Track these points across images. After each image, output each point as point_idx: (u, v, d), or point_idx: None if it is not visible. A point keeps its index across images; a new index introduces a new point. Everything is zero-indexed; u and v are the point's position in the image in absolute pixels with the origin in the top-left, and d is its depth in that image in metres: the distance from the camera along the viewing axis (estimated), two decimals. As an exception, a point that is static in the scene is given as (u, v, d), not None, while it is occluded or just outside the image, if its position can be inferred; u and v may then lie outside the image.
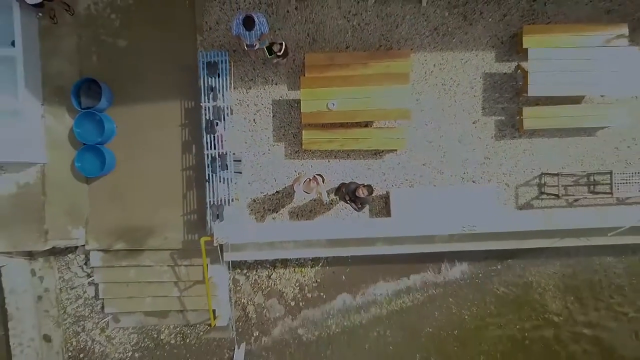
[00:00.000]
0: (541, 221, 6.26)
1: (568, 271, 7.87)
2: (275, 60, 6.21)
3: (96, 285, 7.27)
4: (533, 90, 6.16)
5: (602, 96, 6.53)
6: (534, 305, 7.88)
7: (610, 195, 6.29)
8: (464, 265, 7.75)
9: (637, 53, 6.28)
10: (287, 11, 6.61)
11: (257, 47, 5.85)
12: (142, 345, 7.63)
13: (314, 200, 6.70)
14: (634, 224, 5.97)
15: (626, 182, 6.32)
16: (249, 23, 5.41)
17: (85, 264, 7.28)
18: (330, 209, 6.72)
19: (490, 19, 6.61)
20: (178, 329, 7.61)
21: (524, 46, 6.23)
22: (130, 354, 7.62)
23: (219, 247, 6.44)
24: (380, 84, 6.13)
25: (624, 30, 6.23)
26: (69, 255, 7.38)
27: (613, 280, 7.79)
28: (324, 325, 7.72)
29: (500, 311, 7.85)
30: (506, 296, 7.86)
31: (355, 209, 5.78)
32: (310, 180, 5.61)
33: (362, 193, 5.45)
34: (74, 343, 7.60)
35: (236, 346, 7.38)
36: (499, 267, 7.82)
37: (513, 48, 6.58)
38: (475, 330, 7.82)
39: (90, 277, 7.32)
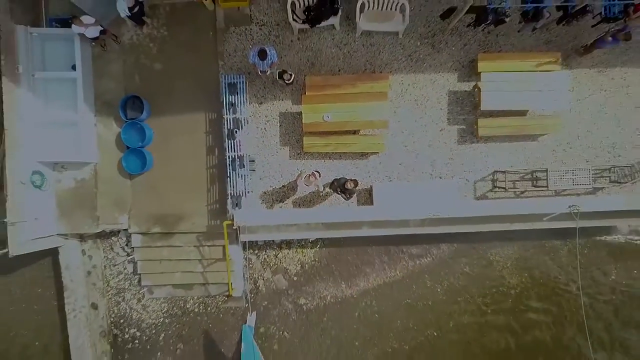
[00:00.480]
0: (493, 209, 7.92)
1: (523, 252, 9.53)
2: (282, 83, 7.86)
3: (135, 262, 8.89)
4: (486, 105, 7.82)
5: (542, 110, 8.18)
6: (495, 280, 9.52)
7: (547, 188, 7.95)
8: (437, 246, 9.41)
9: (567, 76, 7.96)
10: (291, 41, 8.26)
11: (268, 72, 7.51)
12: (171, 312, 9.26)
13: (313, 193, 8.34)
14: (563, 210, 7.63)
15: (561, 178, 7.98)
16: (262, 54, 7.07)
17: (127, 244, 8.91)
18: (325, 199, 8.36)
19: (453, 48, 8.26)
20: (201, 299, 9.24)
21: (479, 70, 7.88)
22: (161, 319, 9.25)
23: (237, 230, 8.06)
24: (365, 101, 7.78)
25: (558, 57, 7.89)
26: (112, 238, 9.02)
27: (559, 260, 9.44)
28: (321, 297, 9.35)
29: (467, 285, 9.48)
30: (472, 273, 9.50)
31: (344, 199, 7.42)
32: (309, 175, 7.25)
33: (350, 186, 7.09)
34: (116, 310, 9.24)
35: (249, 313, 8.97)
36: (466, 248, 9.48)
37: (472, 71, 8.22)
38: (446, 300, 9.45)
39: (130, 255, 8.96)
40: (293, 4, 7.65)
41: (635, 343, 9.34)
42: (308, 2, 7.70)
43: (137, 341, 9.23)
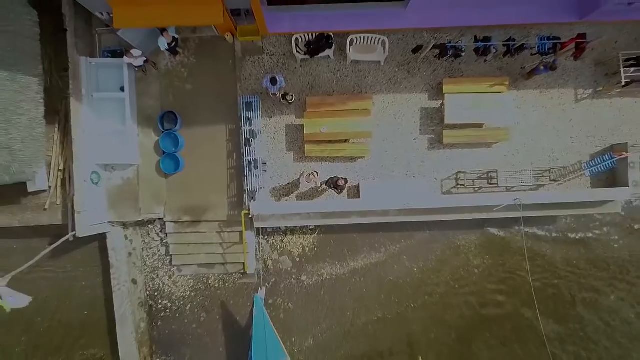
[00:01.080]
0: (456, 202, 10.00)
1: (484, 238, 11.59)
2: (285, 102, 9.94)
3: (167, 246, 10.94)
4: (449, 120, 9.89)
5: (494, 123, 10.24)
6: (462, 261, 11.57)
7: (497, 185, 10.04)
8: (413, 233, 11.47)
9: (513, 97, 10.05)
10: (295, 68, 10.34)
11: (278, 95, 9.60)
12: (196, 287, 11.30)
13: (312, 189, 10.40)
14: (509, 203, 9.72)
15: (509, 177, 10.06)
16: (273, 81, 9.15)
17: (161, 231, 10.96)
18: (322, 194, 10.42)
19: (424, 73, 10.34)
20: (221, 276, 11.29)
21: (444, 92, 9.95)
22: (188, 293, 11.30)
23: (252, 218, 10.11)
24: (354, 116, 9.86)
25: (507, 81, 9.97)
26: (149, 225, 11.07)
27: (516, 244, 11.51)
28: (319, 275, 11.41)
29: (439, 265, 11.54)
30: (443, 255, 11.56)
31: (337, 193, 9.48)
32: (310, 174, 9.31)
33: (341, 183, 9.15)
34: (151, 285, 11.29)
35: (260, 288, 10.98)
36: (438, 235, 11.54)
37: (439, 92, 10.30)
38: (421, 278, 11.50)
39: (163, 240, 11.01)
40: (297, 39, 9.73)
41: (574, 317, 11.42)
42: (308, 37, 9.78)
43: (168, 310, 11.27)
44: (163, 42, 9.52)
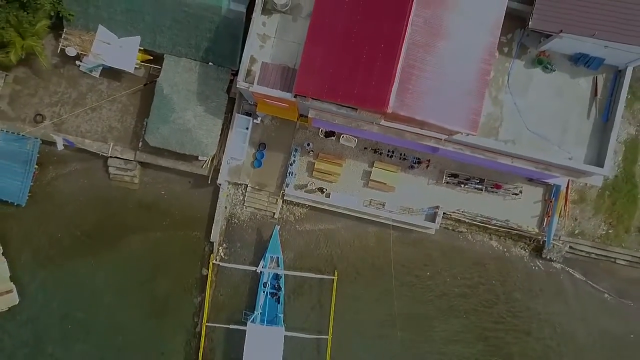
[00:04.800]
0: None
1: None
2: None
3: (244, 196, 25.31)
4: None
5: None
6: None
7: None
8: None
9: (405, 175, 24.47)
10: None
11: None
12: (257, 216, 25.69)
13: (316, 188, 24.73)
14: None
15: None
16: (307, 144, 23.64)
17: (245, 189, 25.32)
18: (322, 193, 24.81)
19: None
20: (259, 215, 25.68)
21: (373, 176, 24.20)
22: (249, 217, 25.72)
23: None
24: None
25: (399, 168, 24.21)
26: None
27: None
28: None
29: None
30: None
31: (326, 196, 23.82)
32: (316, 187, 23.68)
33: (324, 191, 23.48)
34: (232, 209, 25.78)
35: (276, 225, 25.29)
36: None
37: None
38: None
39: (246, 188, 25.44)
40: (321, 130, 24.10)
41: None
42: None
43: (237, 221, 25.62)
44: (258, 118, 23.85)
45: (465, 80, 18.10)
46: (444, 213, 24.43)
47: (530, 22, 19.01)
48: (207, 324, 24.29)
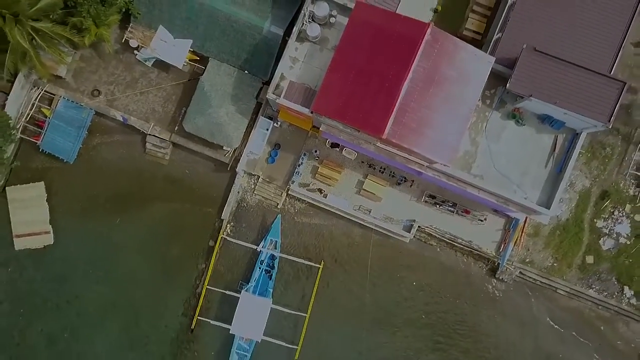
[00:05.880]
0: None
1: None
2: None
3: (255, 186, 29.88)
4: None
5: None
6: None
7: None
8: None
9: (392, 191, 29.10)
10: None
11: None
12: (264, 203, 30.26)
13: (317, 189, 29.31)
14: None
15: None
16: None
17: (257, 179, 29.89)
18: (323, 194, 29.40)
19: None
20: (268, 204, 30.26)
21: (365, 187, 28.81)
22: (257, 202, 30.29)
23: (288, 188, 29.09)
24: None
25: (388, 183, 28.85)
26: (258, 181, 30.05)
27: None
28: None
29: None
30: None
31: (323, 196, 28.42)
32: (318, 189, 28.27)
33: (323, 192, 28.09)
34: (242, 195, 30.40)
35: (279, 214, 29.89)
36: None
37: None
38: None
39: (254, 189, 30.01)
40: (328, 141, 28.73)
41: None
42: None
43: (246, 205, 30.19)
44: (277, 122, 28.49)
45: (449, 122, 22.73)
46: (419, 226, 29.03)
47: (508, 84, 23.64)
48: (207, 287, 28.73)
